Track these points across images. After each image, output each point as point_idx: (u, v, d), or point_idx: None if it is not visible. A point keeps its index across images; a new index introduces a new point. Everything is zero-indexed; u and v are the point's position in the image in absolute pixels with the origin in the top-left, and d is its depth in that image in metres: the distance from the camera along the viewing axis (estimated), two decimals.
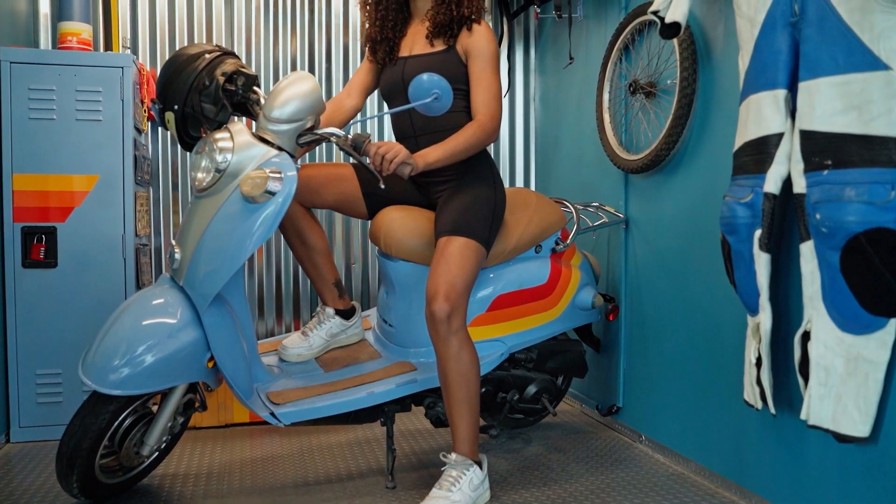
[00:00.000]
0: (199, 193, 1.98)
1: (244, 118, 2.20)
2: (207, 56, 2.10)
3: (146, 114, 2.97)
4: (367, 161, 1.97)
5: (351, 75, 3.48)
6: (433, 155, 2.02)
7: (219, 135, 1.99)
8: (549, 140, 3.52)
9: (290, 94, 1.97)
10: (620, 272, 2.75)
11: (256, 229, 1.90)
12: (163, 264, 3.29)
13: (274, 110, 1.96)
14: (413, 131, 2.24)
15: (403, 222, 2.23)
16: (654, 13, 2.05)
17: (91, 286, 2.69)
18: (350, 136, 1.96)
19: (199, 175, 1.99)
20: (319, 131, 2.00)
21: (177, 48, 3.28)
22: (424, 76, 1.89)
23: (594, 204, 2.79)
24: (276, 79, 3.44)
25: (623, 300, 2.74)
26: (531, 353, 2.52)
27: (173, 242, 2.04)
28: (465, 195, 2.14)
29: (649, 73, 2.47)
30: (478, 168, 2.20)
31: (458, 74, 2.16)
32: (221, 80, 2.06)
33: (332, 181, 2.29)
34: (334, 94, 3.50)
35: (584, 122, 3.06)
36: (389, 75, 2.28)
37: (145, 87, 2.96)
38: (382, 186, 1.92)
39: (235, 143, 1.96)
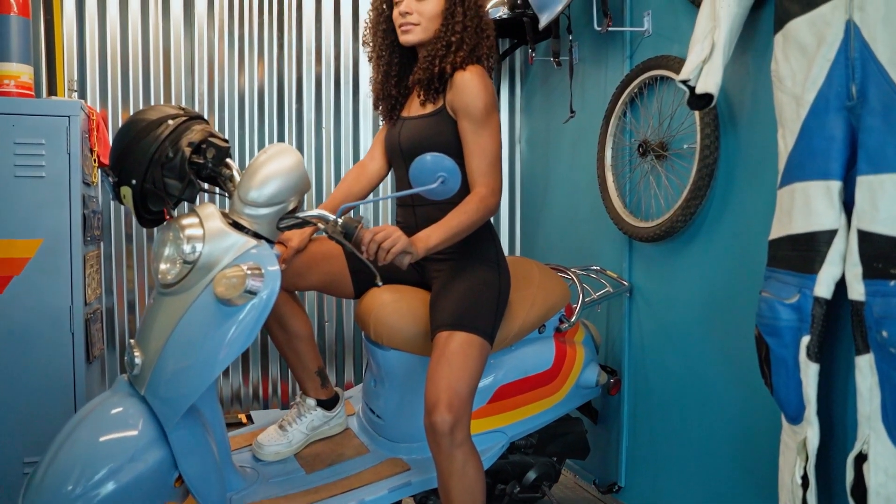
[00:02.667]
0: (164, 289, 1.70)
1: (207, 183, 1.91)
2: (171, 122, 1.81)
3: (95, 164, 2.65)
4: (358, 246, 1.72)
5: (323, 109, 3.23)
6: (434, 238, 1.78)
7: (186, 220, 1.71)
8: (538, 189, 3.29)
9: (269, 172, 1.69)
10: (623, 343, 2.54)
11: (235, 336, 1.62)
12: (115, 328, 2.97)
13: (251, 191, 1.68)
14: (411, 200, 2.00)
15: (395, 307, 1.98)
16: (684, 82, 1.83)
17: (34, 365, 2.36)
18: (340, 221, 1.69)
19: (163, 266, 1.71)
20: (303, 214, 1.73)
21: (130, 83, 2.99)
22: (428, 157, 1.64)
23: (594, 267, 2.58)
24: (240, 111, 3.15)
25: (626, 373, 2.53)
26: (531, 438, 2.29)
27: (131, 342, 1.75)
28: (466, 280, 1.90)
29: (660, 133, 2.26)
30: (480, 246, 1.95)
31: (451, 138, 1.91)
32: (188, 151, 1.77)
33: (317, 261, 2.03)
34: (305, 135, 3.22)
35: (580, 172, 2.84)
36: (389, 135, 2.05)
37: (95, 133, 2.64)
38: (379, 284, 1.66)
39: (206, 231, 1.68)
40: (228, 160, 1.82)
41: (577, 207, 2.88)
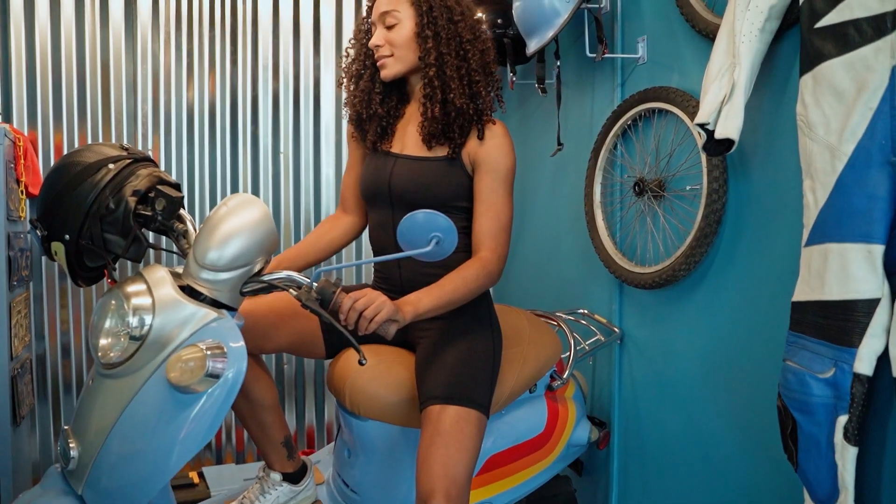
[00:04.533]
0: (106, 370, 1.43)
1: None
2: (112, 167, 1.55)
3: (23, 196, 2.34)
4: (336, 314, 1.48)
5: (281, 131, 2.96)
6: (425, 304, 1.56)
7: (131, 287, 1.45)
8: (513, 222, 3.06)
9: (230, 229, 1.44)
10: (612, 393, 2.35)
11: (194, 427, 1.37)
12: (48, 376, 2.65)
13: (209, 252, 1.43)
14: (396, 249, 1.77)
15: (374, 373, 1.75)
16: (701, 126, 1.65)
17: None
18: (315, 286, 1.46)
19: (104, 342, 1.44)
20: (270, 278, 1.49)
21: (63, 102, 2.67)
22: (419, 216, 1.41)
23: (580, 311, 2.39)
24: (189, 133, 2.85)
25: (615, 425, 2.34)
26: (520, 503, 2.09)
27: (66, 429, 1.48)
28: (458, 344, 1.68)
29: (658, 172, 2.08)
30: (474, 306, 1.74)
31: (460, 189, 1.72)
32: (132, 202, 1.52)
33: (284, 320, 1.79)
34: (262, 160, 2.94)
35: (562, 207, 2.64)
36: (373, 170, 1.79)
37: (22, 161, 2.33)
38: (363, 362, 1.43)
39: (156, 301, 1.42)
40: (182, 212, 1.57)
41: (559, 245, 2.68)
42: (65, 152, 2.66)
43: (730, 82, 1.62)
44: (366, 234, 1.94)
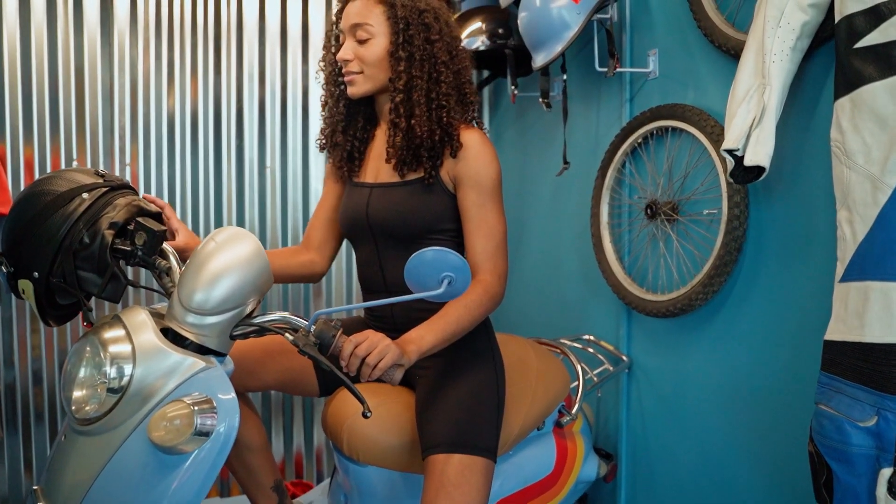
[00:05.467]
0: (81, 426, 1.29)
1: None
2: (86, 196, 1.41)
3: None
4: (336, 359, 1.35)
5: (268, 145, 2.81)
6: (428, 340, 1.44)
7: (108, 332, 1.30)
8: (509, 241, 2.93)
9: (219, 268, 1.30)
10: (619, 423, 2.24)
11: (182, 489, 1.23)
12: (18, 406, 2.49)
13: (196, 294, 1.29)
14: (384, 284, 1.66)
15: (374, 416, 1.60)
16: (729, 151, 1.54)
17: None
18: (313, 329, 1.32)
19: (78, 394, 1.30)
20: (262, 320, 1.35)
21: (34, 112, 2.51)
22: (428, 254, 1.28)
23: (586, 337, 2.27)
24: (170, 147, 2.69)
25: (623, 458, 2.23)
26: None
27: (35, 489, 1.34)
28: (460, 384, 1.56)
29: (671, 194, 1.97)
30: (474, 338, 1.61)
31: (444, 211, 1.60)
32: (109, 236, 1.38)
33: (271, 356, 1.67)
34: (247, 176, 2.78)
35: (564, 226, 2.52)
36: (350, 204, 1.69)
37: None
38: (368, 415, 1.30)
39: (137, 349, 1.28)
40: (166, 247, 1.43)
41: (561, 266, 2.56)
42: (36, 166, 2.51)
43: (759, 105, 1.51)
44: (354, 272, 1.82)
